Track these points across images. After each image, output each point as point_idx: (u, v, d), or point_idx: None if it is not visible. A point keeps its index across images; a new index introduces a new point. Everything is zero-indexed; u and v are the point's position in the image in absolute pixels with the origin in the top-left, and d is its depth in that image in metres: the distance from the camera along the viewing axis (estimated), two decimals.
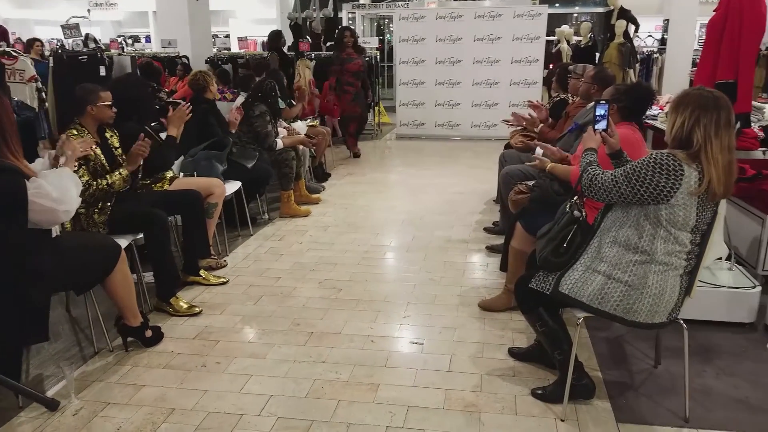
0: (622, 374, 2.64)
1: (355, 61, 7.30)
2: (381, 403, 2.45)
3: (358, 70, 7.35)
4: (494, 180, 5.88)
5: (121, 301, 2.76)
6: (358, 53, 7.42)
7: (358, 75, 7.43)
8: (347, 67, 7.26)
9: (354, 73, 7.35)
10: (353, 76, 7.37)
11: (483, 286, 3.60)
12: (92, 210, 3.07)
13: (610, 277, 2.12)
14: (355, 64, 7.30)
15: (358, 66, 7.33)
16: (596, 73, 3.68)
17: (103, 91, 3.20)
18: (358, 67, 7.33)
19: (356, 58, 7.32)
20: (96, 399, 2.50)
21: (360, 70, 7.38)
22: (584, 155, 2.26)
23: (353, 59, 7.31)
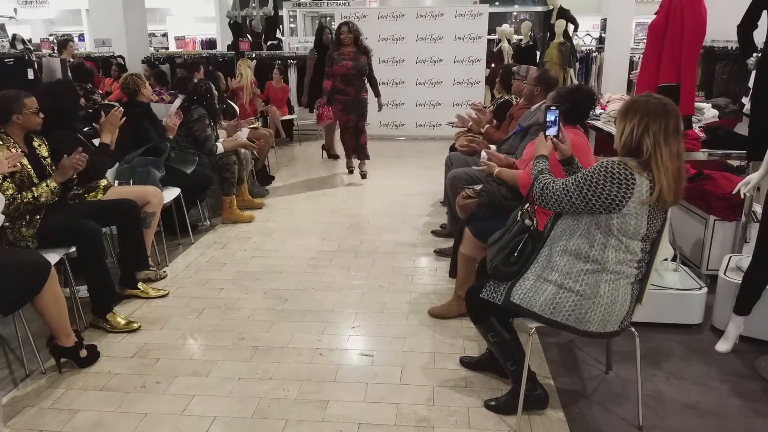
0: (575, 381, 2.65)
1: (343, 62, 6.00)
2: (330, 422, 2.37)
3: (346, 73, 6.03)
4: (441, 181, 5.88)
5: (52, 321, 2.59)
6: (359, 53, 6.07)
7: (349, 79, 6.07)
8: (334, 70, 6.05)
9: (342, 77, 6.06)
10: (342, 80, 6.08)
11: (433, 292, 3.57)
12: (19, 224, 2.86)
13: (562, 287, 2.11)
14: (342, 66, 5.99)
15: (346, 68, 6.00)
16: (539, 75, 3.70)
17: (27, 98, 3.00)
18: (346, 70, 6.01)
19: (346, 58, 6.02)
20: (27, 427, 2.33)
21: (348, 73, 6.04)
22: (536, 162, 2.24)
23: (343, 59, 6.02)
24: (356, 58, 6.03)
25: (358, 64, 6.03)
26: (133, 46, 8.82)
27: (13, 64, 4.45)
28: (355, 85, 6.13)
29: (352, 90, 6.14)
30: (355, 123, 6.28)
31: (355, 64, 6.02)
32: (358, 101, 6.21)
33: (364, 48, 6.11)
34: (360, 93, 6.19)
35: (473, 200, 3.29)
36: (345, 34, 5.97)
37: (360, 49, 6.06)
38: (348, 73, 6.04)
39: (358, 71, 6.06)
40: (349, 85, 6.10)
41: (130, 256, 3.41)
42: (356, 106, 6.22)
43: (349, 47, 6.03)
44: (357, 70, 6.05)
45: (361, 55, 6.05)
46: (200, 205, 4.86)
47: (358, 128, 6.33)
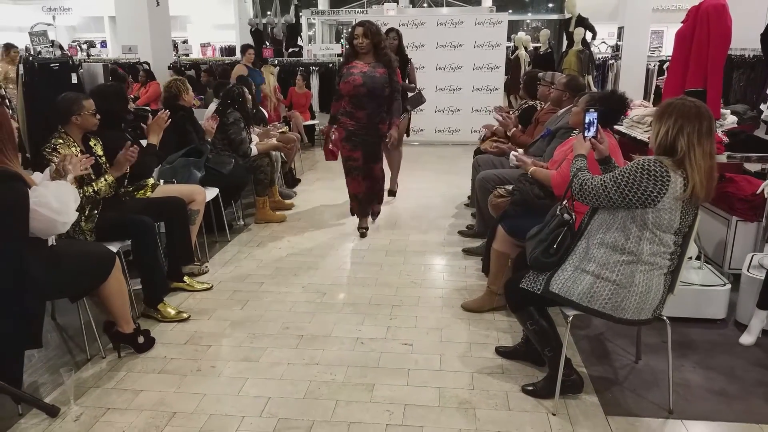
0: (606, 370, 2.78)
1: (352, 77, 4.33)
2: (378, 402, 2.53)
3: (354, 92, 4.35)
4: (462, 184, 6.07)
5: (116, 309, 2.77)
6: (377, 64, 4.37)
7: (358, 100, 4.37)
8: (341, 87, 4.43)
9: (351, 98, 4.40)
10: (351, 102, 4.42)
11: (464, 288, 3.72)
12: (80, 217, 3.04)
13: (599, 277, 2.26)
14: (348, 82, 4.34)
15: (353, 85, 4.32)
16: (568, 81, 3.86)
17: (85, 100, 3.19)
18: (352, 87, 4.33)
19: (357, 72, 4.33)
20: (95, 405, 2.50)
21: (357, 92, 4.33)
22: (574, 161, 2.39)
23: (352, 73, 4.34)
24: (371, 73, 4.32)
25: (372, 79, 4.29)
26: (158, 52, 9.06)
27: (58, 69, 4.66)
28: (368, 109, 4.39)
29: (362, 116, 4.40)
30: (362, 164, 4.55)
31: (366, 81, 4.29)
32: (370, 133, 4.45)
33: (387, 58, 4.39)
34: (374, 121, 4.42)
35: (505, 199, 3.45)
36: (360, 39, 4.31)
37: (380, 60, 4.38)
38: (356, 92, 4.33)
39: (370, 90, 4.29)
40: (359, 108, 4.40)
41: (177, 250, 3.59)
42: (366, 140, 4.48)
43: (365, 57, 4.40)
44: (369, 88, 4.29)
45: (378, 68, 4.34)
46: (235, 206, 5.05)
47: (368, 172, 4.59)
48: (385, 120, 4.50)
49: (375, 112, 4.44)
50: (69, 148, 3.04)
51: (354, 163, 4.59)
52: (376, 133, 4.51)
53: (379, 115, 4.46)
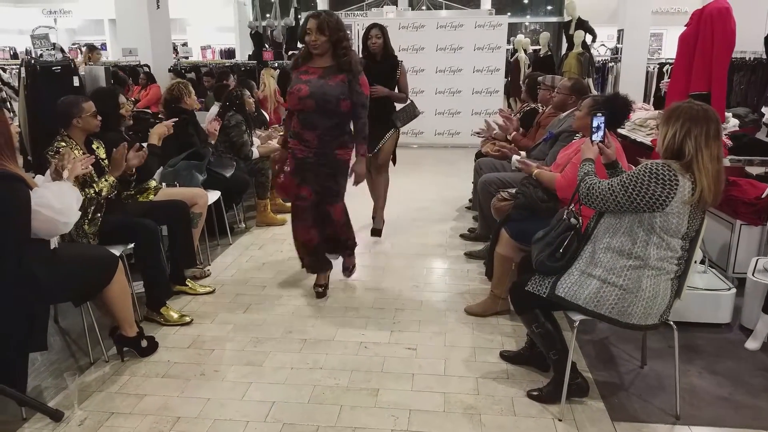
0: (612, 375, 2.77)
1: (297, 85, 3.29)
2: (383, 407, 2.51)
3: (300, 107, 3.30)
4: (463, 187, 6.06)
5: (119, 312, 2.76)
6: (334, 69, 3.29)
7: (305, 118, 3.32)
8: (287, 100, 3.46)
9: (298, 114, 3.37)
10: (298, 119, 3.37)
11: (467, 292, 3.71)
12: (82, 220, 3.03)
13: (606, 282, 2.25)
14: (292, 93, 3.31)
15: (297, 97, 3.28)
16: (573, 84, 3.86)
17: (85, 102, 3.18)
18: (297, 100, 3.28)
19: (304, 80, 3.28)
20: (99, 409, 2.49)
21: (303, 106, 3.28)
22: (582, 165, 2.38)
23: (299, 80, 3.30)
24: (323, 81, 3.24)
25: (323, 89, 3.22)
26: (159, 55, 9.05)
27: (60, 72, 4.65)
28: (319, 129, 3.29)
29: (312, 138, 3.31)
30: (312, 205, 3.47)
31: (314, 91, 3.22)
32: (324, 161, 3.36)
33: (347, 60, 3.26)
34: (329, 145, 3.33)
35: (509, 202, 3.44)
36: (313, 35, 3.19)
37: (339, 63, 3.27)
38: (302, 107, 3.27)
39: (320, 104, 3.23)
40: (308, 127, 3.31)
41: (180, 253, 3.57)
42: (318, 171, 3.39)
43: (321, 59, 3.29)
44: (318, 101, 3.22)
45: (334, 75, 3.26)
46: (236, 208, 5.04)
47: (322, 216, 3.52)
48: (346, 144, 3.39)
49: (330, 134, 3.30)
50: (71, 151, 3.03)
51: (302, 202, 3.45)
52: (333, 162, 3.36)
53: (338, 138, 3.33)
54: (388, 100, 4.57)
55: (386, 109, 4.59)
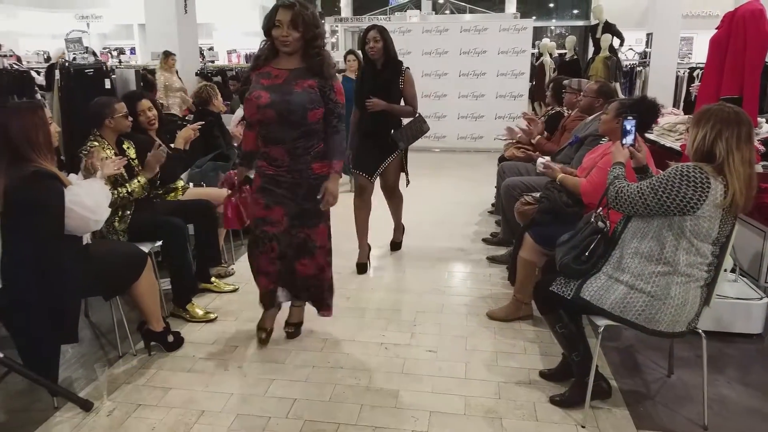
0: (637, 383, 2.73)
1: (256, 93, 2.72)
2: (403, 408, 2.52)
3: (260, 117, 2.74)
4: (485, 191, 6.03)
5: (147, 307, 2.83)
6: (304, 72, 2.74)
7: (268, 131, 2.77)
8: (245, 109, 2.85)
9: (259, 126, 2.80)
10: (260, 132, 2.83)
11: (488, 296, 3.70)
12: (113, 218, 3.11)
13: (633, 288, 2.22)
14: (251, 100, 2.74)
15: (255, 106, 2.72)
16: (600, 87, 3.84)
17: (117, 103, 3.26)
18: (255, 110, 2.73)
19: (265, 85, 2.73)
20: (126, 400, 2.56)
21: (264, 117, 2.72)
22: (612, 169, 2.36)
23: (259, 85, 2.74)
24: (286, 87, 2.69)
25: (285, 97, 2.67)
26: (186, 58, 9.19)
27: (93, 75, 4.77)
28: (285, 144, 2.75)
29: (279, 154, 2.77)
30: (285, 229, 2.88)
31: (275, 99, 2.68)
32: (300, 180, 2.81)
33: (319, 61, 2.71)
34: (302, 160, 2.79)
35: (533, 207, 3.43)
36: (284, 29, 2.63)
37: (309, 65, 2.72)
38: (262, 118, 2.72)
39: (282, 114, 2.68)
40: (270, 141, 2.78)
41: (206, 252, 3.63)
42: (296, 191, 2.83)
43: (288, 59, 2.74)
44: (279, 110, 2.67)
45: (300, 78, 2.71)
46: None
47: (297, 245, 2.92)
48: (324, 155, 2.83)
49: (300, 146, 2.75)
50: (104, 151, 3.11)
51: (270, 228, 2.84)
52: (312, 179, 2.82)
53: (311, 150, 2.78)
54: (390, 114, 3.89)
55: (387, 125, 3.91)
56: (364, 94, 3.87)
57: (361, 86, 3.94)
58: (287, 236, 2.89)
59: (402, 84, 3.93)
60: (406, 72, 3.96)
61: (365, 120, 3.95)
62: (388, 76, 3.89)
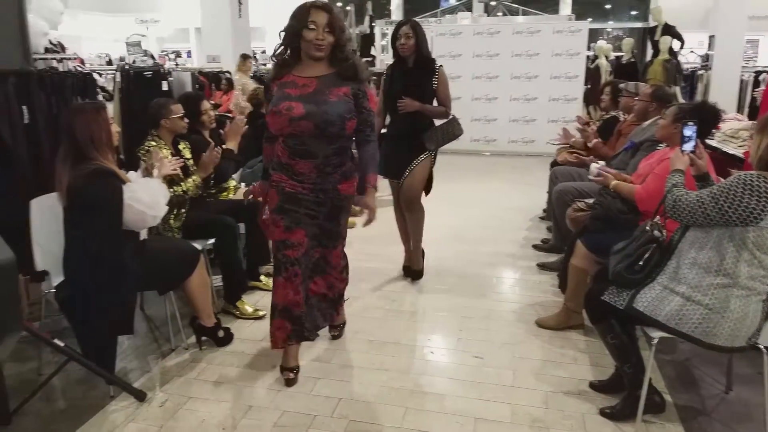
0: (693, 398, 2.63)
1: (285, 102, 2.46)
2: (448, 413, 2.50)
3: (291, 131, 2.47)
4: (536, 196, 5.93)
5: (198, 303, 2.91)
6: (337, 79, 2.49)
7: (298, 144, 2.48)
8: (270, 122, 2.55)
9: (286, 140, 2.51)
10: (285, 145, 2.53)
11: (538, 304, 3.63)
12: (169, 216, 3.20)
13: (690, 299, 2.14)
14: (279, 113, 2.46)
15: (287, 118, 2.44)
16: (654, 90, 3.71)
17: (173, 104, 3.37)
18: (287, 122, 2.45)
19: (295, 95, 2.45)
20: (178, 393, 2.64)
21: (297, 131, 2.45)
22: (671, 176, 2.28)
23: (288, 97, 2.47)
24: (322, 95, 2.45)
25: (323, 107, 2.43)
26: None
27: (151, 77, 4.92)
28: (318, 158, 2.50)
29: (308, 169, 2.51)
30: (305, 252, 2.61)
31: (311, 110, 2.42)
32: (324, 197, 2.57)
33: (351, 67, 2.50)
34: (330, 178, 2.55)
35: (585, 213, 3.34)
36: (319, 32, 2.41)
37: (340, 70, 2.50)
38: (295, 131, 2.46)
39: (320, 126, 2.43)
40: (302, 155, 2.50)
41: (255, 250, 3.70)
42: (317, 211, 2.59)
43: (314, 66, 2.50)
44: (319, 122, 2.43)
45: (335, 85, 2.48)
46: None
47: (317, 267, 2.73)
48: (351, 174, 2.62)
49: (331, 163, 2.52)
50: (161, 150, 3.21)
51: (291, 251, 2.55)
52: (336, 199, 2.60)
53: (340, 168, 2.55)
54: (422, 116, 3.65)
55: (418, 126, 3.65)
56: (394, 94, 3.62)
57: (390, 85, 3.68)
58: (306, 257, 2.62)
59: (436, 83, 3.65)
60: (440, 70, 3.67)
61: (395, 122, 3.66)
62: (420, 74, 3.63)
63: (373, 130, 2.67)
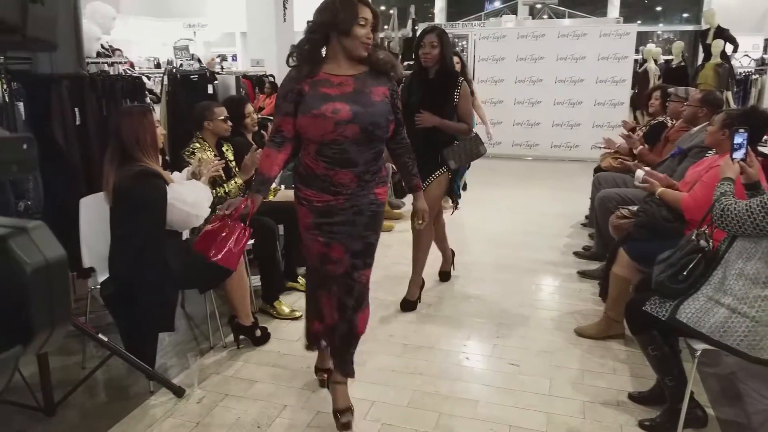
0: (737, 413, 2.54)
1: (327, 103, 2.12)
2: (482, 420, 2.47)
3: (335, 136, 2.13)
4: (579, 202, 5.81)
5: (237, 302, 2.96)
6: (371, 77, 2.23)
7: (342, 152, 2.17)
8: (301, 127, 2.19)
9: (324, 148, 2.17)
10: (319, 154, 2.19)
11: (577, 312, 3.55)
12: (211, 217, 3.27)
13: (735, 311, 2.07)
14: (323, 117, 2.11)
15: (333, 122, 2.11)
16: (704, 96, 3.59)
17: (217, 107, 3.45)
18: (333, 127, 2.12)
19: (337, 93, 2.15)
20: (215, 390, 2.69)
21: (342, 137, 2.14)
22: (720, 184, 2.21)
23: (328, 98, 2.14)
24: (364, 95, 2.20)
25: (369, 108, 2.18)
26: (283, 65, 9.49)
27: (197, 80, 5.06)
28: (359, 166, 2.22)
29: (349, 180, 2.23)
30: (347, 269, 2.33)
31: (358, 112, 2.15)
32: (362, 209, 2.29)
33: (386, 63, 2.25)
34: (369, 186, 2.29)
35: (629, 220, 3.26)
36: (368, 29, 2.16)
37: (375, 67, 2.24)
38: (338, 137, 2.15)
39: (366, 130, 2.17)
40: (342, 164, 2.20)
41: (294, 252, 3.75)
42: (356, 223, 2.30)
43: (348, 64, 2.21)
44: (365, 125, 2.16)
45: (374, 84, 2.23)
46: None
47: (353, 281, 2.35)
48: (385, 179, 2.39)
49: (370, 170, 2.26)
50: (204, 152, 3.29)
51: (333, 267, 2.32)
52: (375, 205, 2.32)
53: (378, 174, 2.32)
54: (439, 131, 3.37)
55: (437, 144, 3.40)
56: (412, 106, 3.30)
57: (408, 97, 3.34)
58: (348, 281, 2.33)
59: (457, 98, 3.37)
60: (463, 84, 3.40)
61: (410, 136, 2.58)
62: (440, 87, 3.35)
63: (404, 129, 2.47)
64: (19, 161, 0.56)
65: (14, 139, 0.56)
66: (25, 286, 0.54)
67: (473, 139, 3.50)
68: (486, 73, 9.31)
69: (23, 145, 0.57)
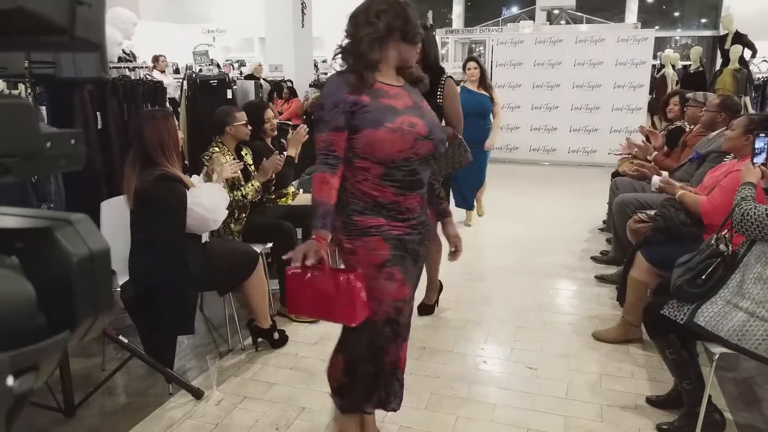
0: (755, 418, 2.51)
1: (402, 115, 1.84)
2: (500, 423, 2.47)
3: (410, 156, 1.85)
4: (596, 207, 5.78)
5: (256, 304, 2.99)
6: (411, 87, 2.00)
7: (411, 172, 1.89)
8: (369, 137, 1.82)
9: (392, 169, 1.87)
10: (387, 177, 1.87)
11: (595, 316, 3.54)
12: (229, 219, 3.32)
13: (753, 315, 2.06)
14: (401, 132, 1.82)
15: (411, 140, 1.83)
16: (723, 101, 3.58)
17: (238, 112, 3.49)
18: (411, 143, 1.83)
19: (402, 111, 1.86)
20: (234, 392, 2.71)
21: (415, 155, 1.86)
22: (741, 189, 2.20)
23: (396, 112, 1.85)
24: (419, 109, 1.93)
25: (435, 122, 1.98)
26: (301, 70, 9.64)
27: (216, 85, 5.13)
28: (423, 187, 1.97)
29: (417, 204, 1.97)
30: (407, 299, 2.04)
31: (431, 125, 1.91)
32: (425, 235, 2.07)
33: (418, 74, 2.01)
34: (425, 210, 2.07)
35: (646, 225, 3.24)
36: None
37: (414, 79, 2.01)
38: (412, 155, 1.86)
39: (437, 146, 1.93)
40: (410, 187, 1.91)
41: None
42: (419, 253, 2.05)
43: (389, 73, 1.93)
44: (437, 140, 1.92)
45: (419, 97, 2.01)
46: None
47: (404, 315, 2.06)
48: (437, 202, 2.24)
49: (427, 191, 2.06)
50: (224, 156, 3.34)
51: (407, 308, 2.07)
52: (429, 232, 2.14)
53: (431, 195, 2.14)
54: None
55: None
56: None
57: None
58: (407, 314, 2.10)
59: (440, 98, 3.03)
60: (447, 81, 3.04)
61: None
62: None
63: None
64: (68, 155, 0.59)
65: (63, 134, 0.59)
66: (71, 276, 0.57)
67: (459, 146, 3.11)
68: (504, 78, 9.31)
69: (71, 140, 0.60)
